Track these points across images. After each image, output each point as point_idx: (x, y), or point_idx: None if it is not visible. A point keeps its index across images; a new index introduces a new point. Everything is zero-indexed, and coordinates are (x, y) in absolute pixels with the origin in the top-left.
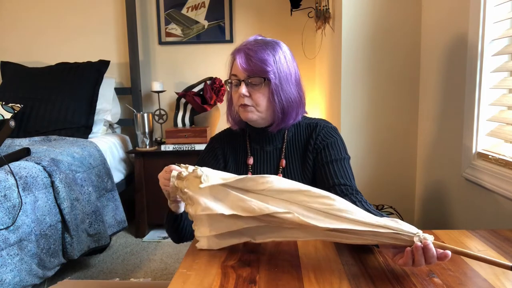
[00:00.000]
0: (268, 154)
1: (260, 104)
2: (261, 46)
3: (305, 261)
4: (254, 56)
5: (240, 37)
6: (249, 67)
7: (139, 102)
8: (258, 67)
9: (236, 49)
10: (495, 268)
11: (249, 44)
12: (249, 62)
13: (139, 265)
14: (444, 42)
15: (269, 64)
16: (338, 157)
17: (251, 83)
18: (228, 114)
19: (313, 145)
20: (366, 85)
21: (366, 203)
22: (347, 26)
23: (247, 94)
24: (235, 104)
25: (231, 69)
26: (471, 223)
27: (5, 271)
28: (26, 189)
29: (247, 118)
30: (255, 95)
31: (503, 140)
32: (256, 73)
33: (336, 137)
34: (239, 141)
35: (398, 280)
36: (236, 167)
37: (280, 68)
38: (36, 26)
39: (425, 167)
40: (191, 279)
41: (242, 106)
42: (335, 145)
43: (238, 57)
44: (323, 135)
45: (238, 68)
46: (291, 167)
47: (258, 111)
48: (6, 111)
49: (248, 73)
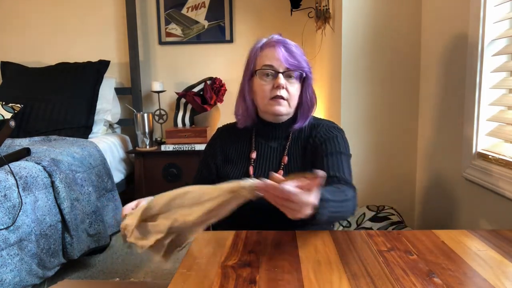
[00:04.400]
0: (272, 150)
1: (294, 98)
2: (294, 44)
3: (305, 261)
4: (295, 51)
5: (240, 37)
6: (293, 60)
7: (139, 102)
8: (299, 61)
9: (267, 42)
10: (495, 268)
11: (283, 40)
12: (293, 55)
13: (139, 265)
14: (444, 42)
15: (306, 61)
16: (334, 151)
17: (289, 76)
18: (238, 109)
19: (311, 142)
20: (366, 85)
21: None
22: (347, 26)
23: (285, 85)
24: (264, 96)
25: (256, 59)
26: (471, 223)
27: (5, 271)
28: (26, 189)
29: (277, 111)
30: (291, 88)
31: (503, 140)
32: (299, 66)
33: (337, 134)
34: (245, 134)
35: (398, 280)
36: (239, 160)
37: (310, 68)
38: (36, 26)
39: (425, 167)
40: (191, 279)
41: (274, 98)
42: (334, 140)
43: (279, 49)
44: (324, 132)
45: (278, 59)
46: (293, 164)
47: (290, 105)
48: (6, 111)
49: (290, 65)
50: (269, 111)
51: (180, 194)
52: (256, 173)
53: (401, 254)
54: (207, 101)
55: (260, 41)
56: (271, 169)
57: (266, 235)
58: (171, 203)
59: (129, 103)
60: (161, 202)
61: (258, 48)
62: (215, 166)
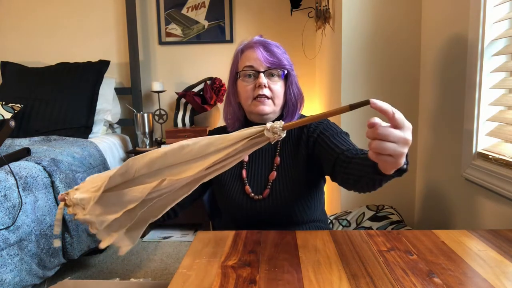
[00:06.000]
0: (263, 152)
1: (278, 96)
2: (274, 44)
3: (305, 261)
4: (275, 50)
5: (240, 37)
6: (273, 58)
7: (139, 102)
8: (280, 60)
9: (247, 44)
10: (495, 268)
11: (263, 40)
12: (272, 54)
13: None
14: (444, 42)
15: (287, 59)
16: (334, 132)
17: (270, 74)
18: (226, 113)
19: (305, 140)
20: (366, 85)
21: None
22: (347, 26)
23: (267, 84)
24: (247, 96)
25: (238, 63)
26: (471, 223)
27: (5, 271)
28: (26, 189)
29: (262, 111)
30: (274, 86)
31: (503, 140)
32: (279, 65)
33: (326, 122)
34: None
35: (398, 280)
36: None
37: (291, 65)
38: (37, 26)
39: (425, 167)
40: (191, 279)
41: (258, 98)
42: (328, 127)
43: (258, 50)
44: (314, 126)
45: (257, 59)
46: (285, 164)
47: (274, 104)
48: (6, 111)
49: (271, 64)
50: (254, 111)
51: (173, 150)
52: (249, 176)
53: (401, 254)
54: (207, 101)
55: (241, 44)
56: (264, 171)
57: (266, 235)
58: (157, 162)
59: (129, 103)
60: (141, 162)
61: (239, 51)
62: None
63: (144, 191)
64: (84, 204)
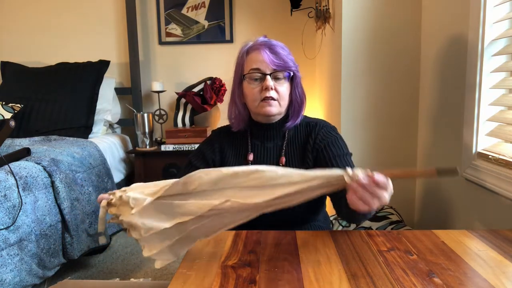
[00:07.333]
0: (268, 151)
1: (284, 98)
2: (280, 45)
3: (305, 262)
4: (280, 52)
5: (240, 37)
6: (279, 60)
7: (139, 102)
8: (286, 62)
9: (252, 45)
10: (495, 268)
11: (268, 42)
12: (278, 56)
13: (139, 265)
14: (444, 42)
15: (293, 60)
16: (340, 153)
17: (276, 77)
18: (230, 113)
19: (312, 144)
20: (366, 85)
21: None
22: (347, 26)
23: (273, 87)
24: (254, 99)
25: (243, 64)
26: (471, 223)
27: (5, 271)
28: (26, 189)
29: (269, 112)
30: (280, 88)
31: (503, 140)
32: (285, 67)
33: (336, 135)
34: (240, 137)
35: (398, 280)
36: (237, 163)
37: (297, 66)
38: (36, 26)
39: (425, 167)
40: (191, 279)
41: (265, 100)
42: (336, 143)
43: (264, 52)
44: (323, 134)
45: (264, 61)
46: (290, 164)
47: (280, 105)
48: (6, 111)
49: (277, 66)
50: (261, 112)
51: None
52: None
53: (401, 254)
54: (207, 101)
55: (246, 45)
56: None
57: (266, 235)
58: (224, 180)
59: (129, 103)
60: (206, 179)
61: (245, 53)
62: (213, 164)
63: (203, 208)
64: (136, 205)
